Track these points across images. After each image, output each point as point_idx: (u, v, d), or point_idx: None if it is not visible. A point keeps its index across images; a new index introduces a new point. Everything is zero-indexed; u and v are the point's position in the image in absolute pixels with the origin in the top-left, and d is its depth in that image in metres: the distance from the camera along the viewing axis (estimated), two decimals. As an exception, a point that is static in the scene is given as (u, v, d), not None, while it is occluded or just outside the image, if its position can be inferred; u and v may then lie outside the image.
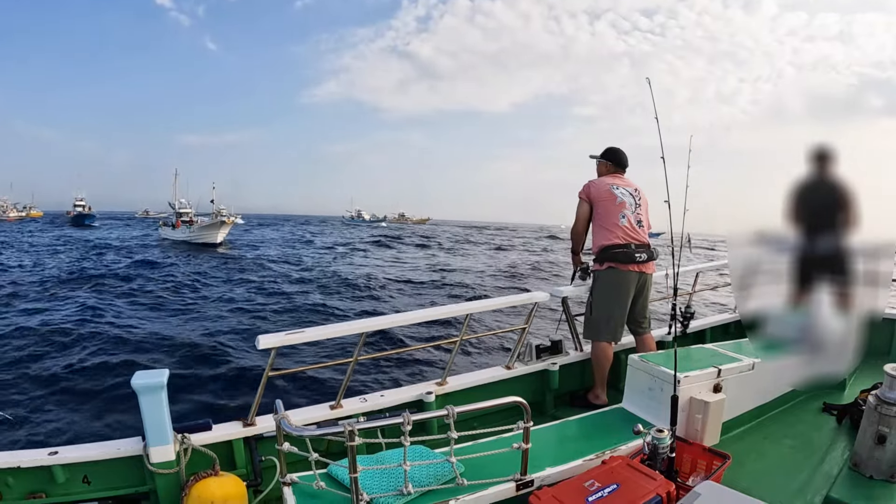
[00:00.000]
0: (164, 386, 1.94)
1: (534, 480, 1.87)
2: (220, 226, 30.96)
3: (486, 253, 31.53)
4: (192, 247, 29.78)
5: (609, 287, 3.05)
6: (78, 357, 7.36)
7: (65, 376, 6.59)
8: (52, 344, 8.02)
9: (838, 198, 1.91)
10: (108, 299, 12.07)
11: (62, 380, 6.48)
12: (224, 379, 6.56)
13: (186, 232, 33.28)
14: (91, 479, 2.06)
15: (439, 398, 2.72)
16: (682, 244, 2.17)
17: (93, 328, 8.92)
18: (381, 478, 1.77)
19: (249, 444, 2.30)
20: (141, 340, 8.33)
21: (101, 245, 29.65)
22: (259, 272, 18.44)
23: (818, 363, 2.02)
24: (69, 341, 8.14)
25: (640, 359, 2.64)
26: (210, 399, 5.91)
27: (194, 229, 32.68)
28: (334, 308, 11.87)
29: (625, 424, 2.31)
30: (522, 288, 15.18)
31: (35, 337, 8.35)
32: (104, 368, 6.86)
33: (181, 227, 35.14)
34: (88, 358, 7.31)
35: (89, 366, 6.96)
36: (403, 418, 1.62)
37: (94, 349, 7.76)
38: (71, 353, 7.57)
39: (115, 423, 5.29)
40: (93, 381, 6.43)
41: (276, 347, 2.16)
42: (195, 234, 31.79)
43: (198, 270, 18.59)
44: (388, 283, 16.14)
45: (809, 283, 1.95)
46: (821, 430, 2.65)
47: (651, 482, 1.74)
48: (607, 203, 3.04)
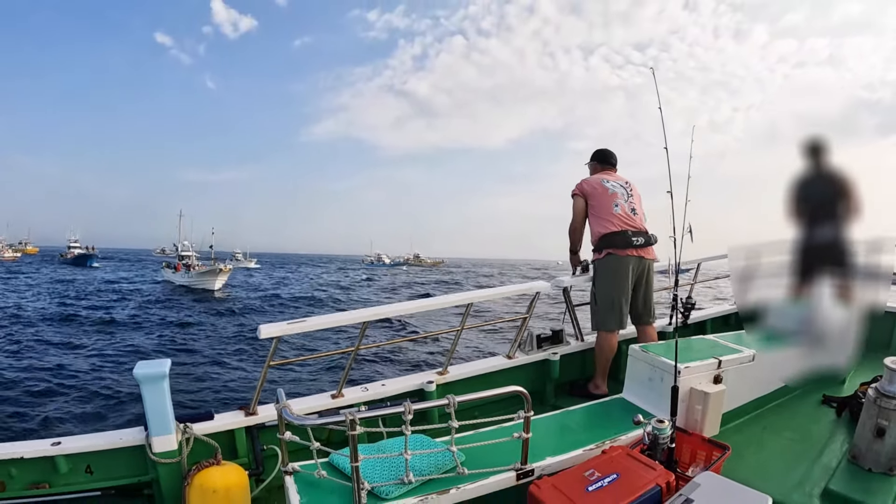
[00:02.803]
0: (167, 376, 1.94)
1: (534, 470, 1.88)
2: (217, 273, 31.22)
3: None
4: (192, 291, 29.85)
5: (609, 273, 3.06)
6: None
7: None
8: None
9: (838, 188, 1.91)
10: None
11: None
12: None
13: (185, 277, 33.74)
14: (94, 469, 2.08)
15: (440, 387, 2.73)
16: (685, 232, 2.15)
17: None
18: (383, 467, 1.78)
19: (251, 434, 2.31)
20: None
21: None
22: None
23: (818, 356, 2.02)
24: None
25: (640, 349, 2.64)
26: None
27: (193, 275, 33.03)
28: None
29: (625, 414, 2.31)
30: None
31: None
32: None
33: (181, 271, 35.54)
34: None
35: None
36: (404, 407, 1.62)
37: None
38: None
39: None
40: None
41: (277, 337, 2.16)
42: (194, 280, 32.25)
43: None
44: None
45: (811, 274, 1.95)
46: (820, 422, 2.66)
47: (651, 472, 1.74)
48: (600, 195, 3.10)
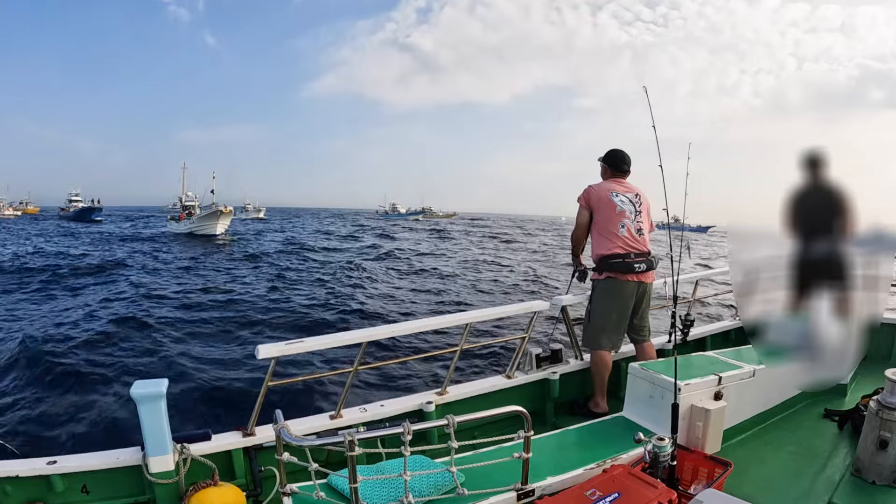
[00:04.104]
0: (164, 395, 1.93)
1: (535, 490, 1.86)
2: (218, 216, 31.50)
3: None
4: (193, 237, 30.24)
5: (608, 296, 3.04)
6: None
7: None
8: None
9: (834, 203, 1.92)
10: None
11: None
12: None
13: (187, 224, 34.18)
14: (90, 489, 2.05)
15: (439, 408, 2.71)
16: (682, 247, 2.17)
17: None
18: (382, 488, 1.76)
19: (249, 454, 2.29)
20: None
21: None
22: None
23: (818, 369, 2.02)
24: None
25: (640, 367, 2.63)
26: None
27: (194, 220, 33.53)
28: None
29: (625, 433, 2.30)
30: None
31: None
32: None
33: (184, 220, 35.92)
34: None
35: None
36: (403, 428, 1.61)
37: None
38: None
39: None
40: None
41: (275, 357, 2.15)
42: (195, 225, 32.71)
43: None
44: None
45: (809, 289, 1.96)
46: (822, 436, 2.64)
47: (652, 490, 1.73)
48: (607, 211, 3.03)
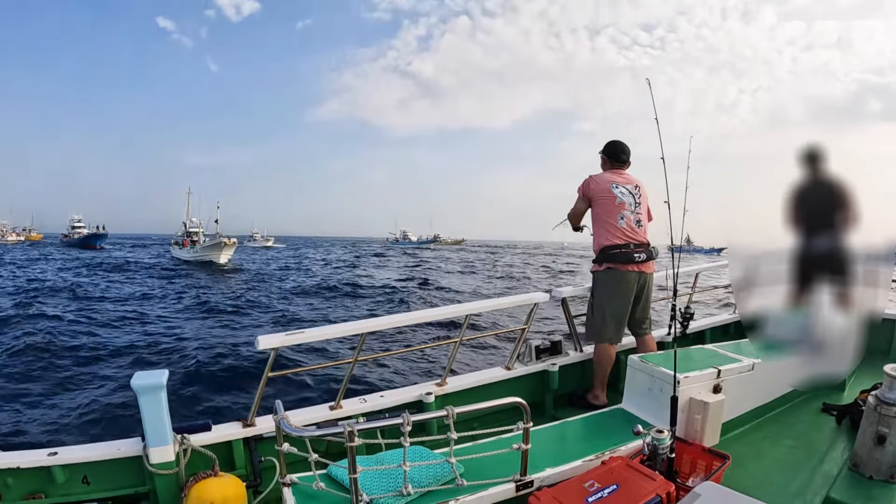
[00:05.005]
0: (164, 386, 1.93)
1: (533, 481, 1.87)
2: (221, 247, 31.84)
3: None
4: (197, 265, 30.48)
5: (609, 287, 3.04)
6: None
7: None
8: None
9: (836, 197, 1.91)
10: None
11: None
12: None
13: (190, 252, 34.70)
14: (91, 480, 2.06)
15: (439, 399, 2.71)
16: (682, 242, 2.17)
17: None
18: (381, 478, 1.77)
19: (249, 445, 2.30)
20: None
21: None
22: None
23: (818, 364, 2.02)
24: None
25: (639, 359, 2.63)
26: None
27: (197, 249, 34.06)
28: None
29: (624, 425, 2.30)
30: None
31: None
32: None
33: (188, 247, 36.52)
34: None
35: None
36: (403, 419, 1.61)
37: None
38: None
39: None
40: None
41: (275, 348, 2.15)
42: (199, 254, 33.17)
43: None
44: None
45: (809, 283, 1.95)
46: (820, 430, 2.65)
47: (651, 483, 1.73)
48: (606, 202, 3.03)
